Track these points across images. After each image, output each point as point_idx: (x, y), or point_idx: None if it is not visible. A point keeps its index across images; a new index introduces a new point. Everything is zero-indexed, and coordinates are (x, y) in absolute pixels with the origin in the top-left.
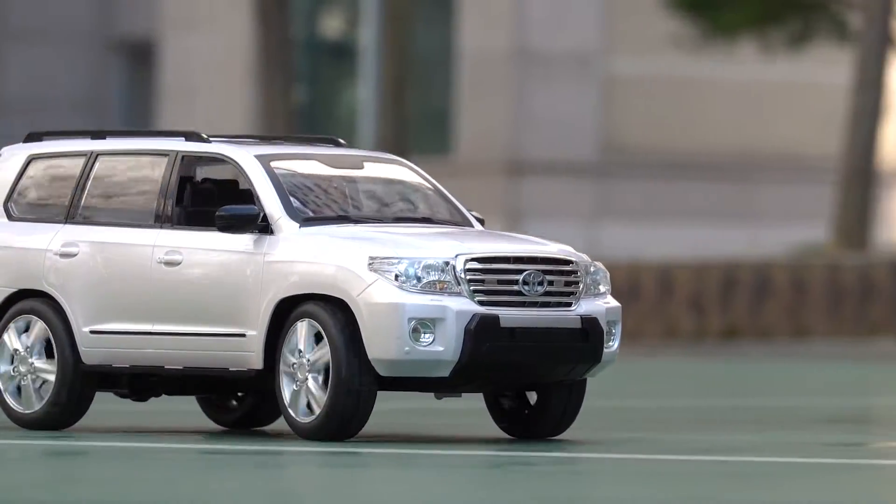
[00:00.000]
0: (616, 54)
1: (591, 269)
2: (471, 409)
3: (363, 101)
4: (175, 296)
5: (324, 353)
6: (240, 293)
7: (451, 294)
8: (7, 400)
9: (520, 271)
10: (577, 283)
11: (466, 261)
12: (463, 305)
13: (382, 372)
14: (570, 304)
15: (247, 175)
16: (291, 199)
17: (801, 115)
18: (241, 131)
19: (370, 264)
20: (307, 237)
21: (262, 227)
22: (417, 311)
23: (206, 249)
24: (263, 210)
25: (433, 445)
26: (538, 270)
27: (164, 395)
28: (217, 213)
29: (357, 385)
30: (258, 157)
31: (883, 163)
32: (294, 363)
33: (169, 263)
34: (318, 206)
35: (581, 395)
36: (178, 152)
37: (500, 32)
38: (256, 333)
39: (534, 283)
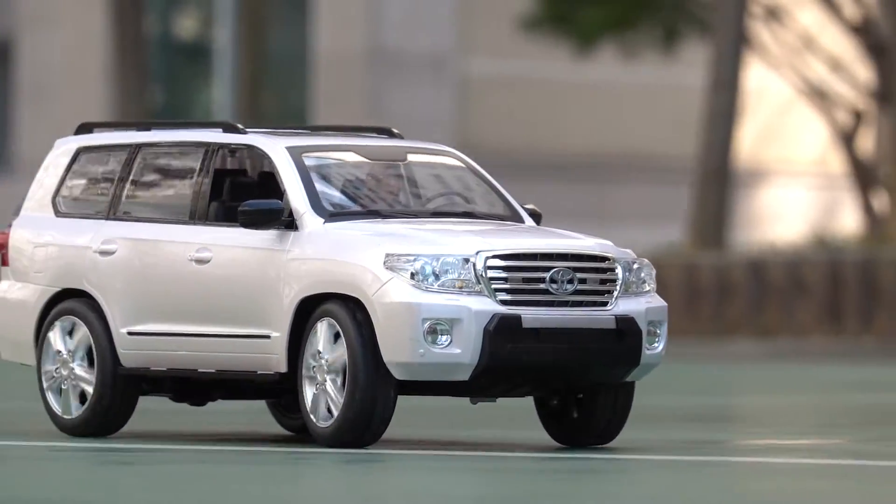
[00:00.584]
0: (472, 55)
1: (636, 265)
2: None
3: (218, 102)
4: (205, 295)
5: (341, 353)
6: (264, 292)
7: (470, 293)
8: (49, 400)
9: (547, 269)
10: (613, 280)
11: (488, 258)
12: (483, 305)
13: (398, 375)
14: (605, 304)
15: (275, 167)
16: (321, 193)
17: (657, 117)
18: None
19: (386, 262)
20: (330, 233)
21: (288, 222)
22: (433, 311)
23: (233, 246)
24: (290, 204)
25: (467, 447)
26: (568, 268)
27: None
28: (240, 207)
29: (373, 390)
30: (290, 148)
31: (738, 163)
32: (314, 366)
33: (199, 261)
34: (347, 201)
35: (628, 399)
36: (213, 144)
37: (356, 33)
38: (280, 335)
39: (562, 282)
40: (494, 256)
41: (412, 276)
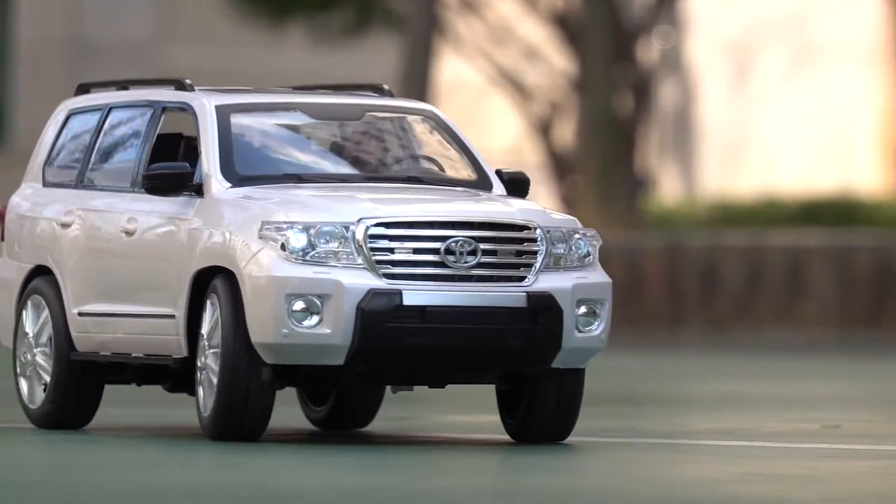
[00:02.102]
0: (172, 44)
1: (576, 236)
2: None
3: None
4: (131, 271)
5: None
6: (171, 266)
7: (348, 266)
8: (21, 387)
9: (443, 238)
10: (533, 252)
11: (370, 226)
12: (358, 279)
13: (266, 358)
14: (522, 279)
15: (197, 127)
16: (239, 155)
17: None
18: None
19: (260, 231)
20: (229, 200)
21: (198, 187)
22: (299, 286)
23: (150, 215)
24: (201, 168)
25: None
26: (470, 237)
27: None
28: (145, 172)
29: (246, 377)
30: (220, 106)
31: None
32: (206, 349)
33: (128, 233)
34: (268, 164)
35: (575, 389)
36: (158, 104)
37: (56, 22)
38: (180, 315)
39: (461, 253)
40: (378, 224)
41: (282, 246)
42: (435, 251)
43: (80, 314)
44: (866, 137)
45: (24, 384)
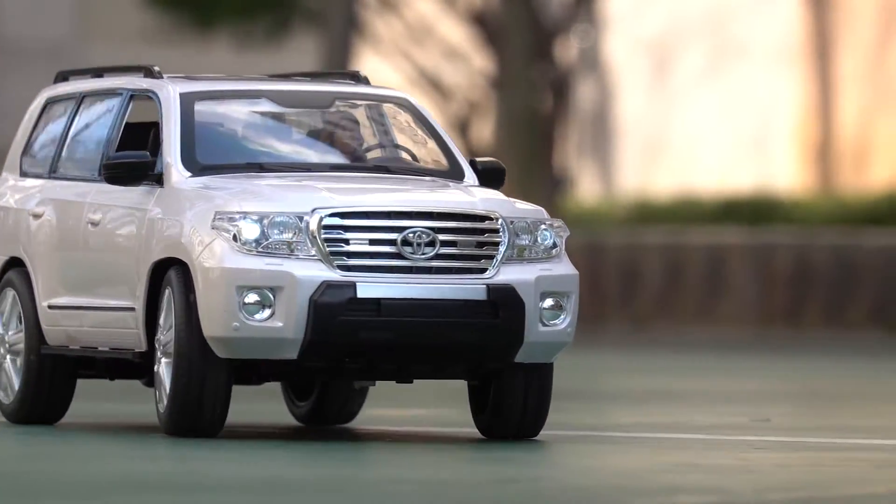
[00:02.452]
0: (90, 44)
1: (542, 226)
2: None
3: None
4: (94, 262)
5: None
6: (130, 258)
7: (301, 258)
8: None
9: (400, 229)
10: (496, 243)
11: (324, 216)
12: (311, 271)
13: (219, 353)
14: (483, 271)
15: (160, 114)
16: (201, 144)
17: None
18: None
19: (213, 221)
20: (187, 189)
21: (158, 176)
22: (249, 277)
23: (113, 206)
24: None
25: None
26: (428, 228)
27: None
28: (104, 161)
29: (199, 371)
30: (184, 94)
31: None
32: (163, 343)
33: (93, 224)
34: (230, 153)
35: (543, 385)
36: (127, 91)
37: None
38: (139, 308)
39: (418, 244)
40: (333, 214)
41: (235, 237)
42: (391, 242)
43: (50, 307)
44: (784, 136)
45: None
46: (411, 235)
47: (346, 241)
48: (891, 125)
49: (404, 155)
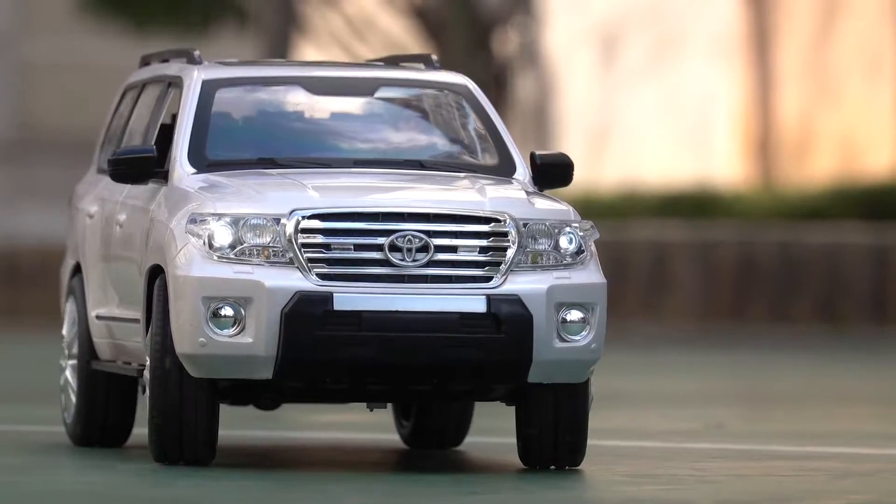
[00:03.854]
0: (32, 36)
1: (567, 229)
2: None
3: None
4: (115, 269)
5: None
6: (136, 264)
7: (277, 265)
8: (62, 399)
9: (388, 232)
10: (503, 248)
11: (302, 218)
12: (283, 281)
13: (191, 371)
14: (488, 279)
15: (180, 104)
16: (214, 137)
17: None
18: None
19: (188, 225)
20: (186, 187)
21: (167, 173)
22: (217, 287)
23: (131, 206)
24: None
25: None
26: (419, 232)
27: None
28: (109, 157)
29: (174, 392)
30: (207, 81)
31: None
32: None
33: (119, 225)
34: (245, 147)
35: (575, 408)
36: (166, 79)
37: None
38: (141, 318)
39: (408, 250)
40: (313, 217)
41: (207, 242)
42: (378, 247)
43: (98, 317)
44: (725, 129)
45: (64, 396)
46: (400, 240)
47: (328, 247)
48: (831, 118)
49: (449, 147)
